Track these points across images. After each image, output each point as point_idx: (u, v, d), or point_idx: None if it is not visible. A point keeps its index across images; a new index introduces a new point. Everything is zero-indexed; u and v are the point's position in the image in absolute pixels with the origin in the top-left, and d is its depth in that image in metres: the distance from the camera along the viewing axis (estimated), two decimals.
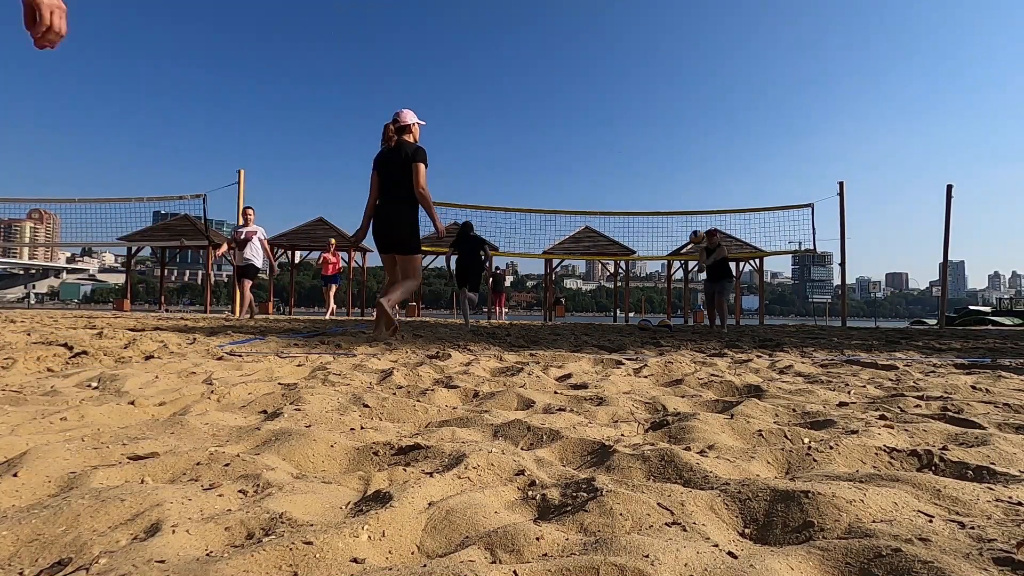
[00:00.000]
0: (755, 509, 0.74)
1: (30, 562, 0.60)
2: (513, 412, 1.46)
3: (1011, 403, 1.59)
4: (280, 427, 1.14)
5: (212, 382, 1.71)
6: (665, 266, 22.52)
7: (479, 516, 0.71)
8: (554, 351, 3.16)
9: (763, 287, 18.05)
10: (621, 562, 0.56)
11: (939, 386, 1.94)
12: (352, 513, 0.74)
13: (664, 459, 0.95)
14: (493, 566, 0.58)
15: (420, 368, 2.22)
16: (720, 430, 1.23)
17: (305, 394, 1.49)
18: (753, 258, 17.63)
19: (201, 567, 0.56)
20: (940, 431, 1.21)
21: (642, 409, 1.51)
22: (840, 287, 12.90)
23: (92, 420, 1.21)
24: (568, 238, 19.17)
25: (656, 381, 2.13)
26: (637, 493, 0.77)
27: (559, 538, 0.65)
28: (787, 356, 3.19)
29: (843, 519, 0.69)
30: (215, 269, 53.66)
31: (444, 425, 1.28)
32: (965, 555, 0.59)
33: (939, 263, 10.34)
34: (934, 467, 0.96)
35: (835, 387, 1.94)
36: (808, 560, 0.60)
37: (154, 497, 0.73)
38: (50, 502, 0.72)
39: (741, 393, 1.86)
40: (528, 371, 2.18)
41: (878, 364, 2.72)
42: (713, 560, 0.59)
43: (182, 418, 1.21)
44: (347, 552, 0.61)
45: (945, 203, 10.08)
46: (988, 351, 3.82)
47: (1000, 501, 0.76)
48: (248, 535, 0.66)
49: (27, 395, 1.42)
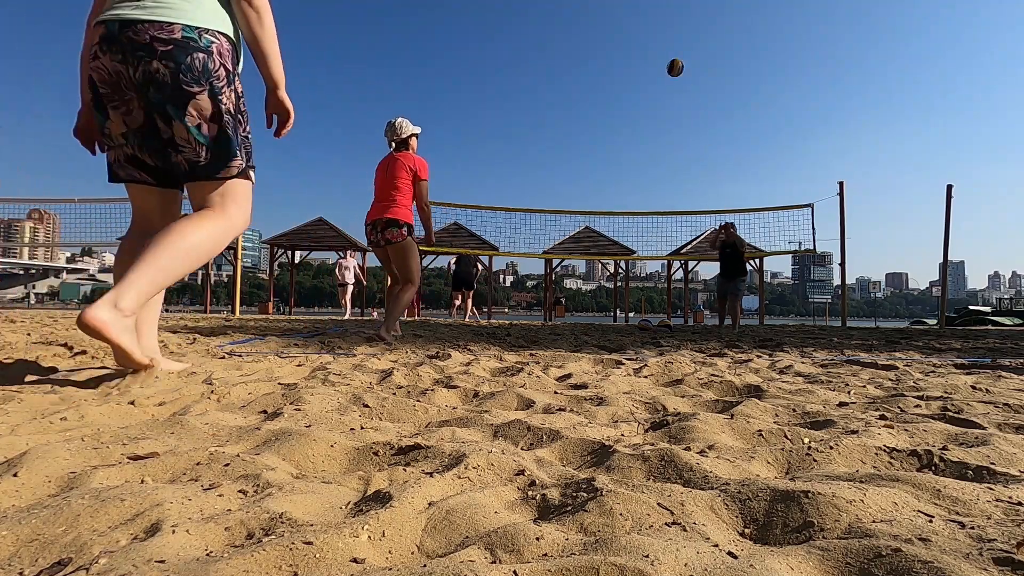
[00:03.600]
0: (755, 509, 0.74)
1: (30, 562, 0.60)
2: (513, 412, 1.46)
3: (1011, 403, 1.59)
4: (280, 427, 1.15)
5: (212, 382, 1.71)
6: (665, 266, 22.51)
7: (479, 516, 0.71)
8: (554, 351, 3.17)
9: (763, 287, 18.06)
10: (621, 562, 0.56)
11: (939, 386, 1.94)
12: (352, 513, 0.74)
13: (664, 459, 0.95)
14: (493, 566, 0.58)
15: (420, 368, 2.22)
16: (720, 430, 1.23)
17: (305, 394, 1.49)
18: (753, 258, 17.64)
19: (201, 567, 0.56)
20: (940, 431, 1.21)
21: (642, 409, 1.51)
22: (840, 287, 12.90)
23: (92, 420, 1.21)
24: (568, 238, 19.18)
25: (656, 381, 2.13)
26: (637, 493, 0.77)
27: (559, 538, 0.65)
28: (787, 356, 3.19)
29: (843, 519, 0.69)
30: (215, 269, 53.63)
31: (444, 425, 1.28)
32: (965, 555, 0.59)
33: (939, 263, 10.35)
34: (934, 467, 0.96)
35: (835, 387, 1.94)
36: (808, 560, 0.60)
37: (154, 497, 0.73)
38: (50, 502, 0.72)
39: (741, 393, 1.86)
40: (528, 371, 2.18)
41: (878, 364, 2.72)
42: (713, 560, 0.59)
43: (182, 418, 1.21)
44: (347, 552, 0.61)
45: (945, 203, 10.08)
46: (988, 351, 3.82)
47: (1000, 501, 0.76)
48: (248, 535, 0.66)
49: (27, 395, 1.41)
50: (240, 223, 1.73)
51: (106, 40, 1.55)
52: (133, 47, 1.53)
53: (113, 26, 1.55)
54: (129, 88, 1.58)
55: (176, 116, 1.57)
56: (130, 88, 1.58)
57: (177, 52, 1.55)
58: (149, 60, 1.54)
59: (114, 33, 1.55)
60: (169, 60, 1.54)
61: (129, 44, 1.54)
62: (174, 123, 1.58)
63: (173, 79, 1.55)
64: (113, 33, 1.55)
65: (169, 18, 1.55)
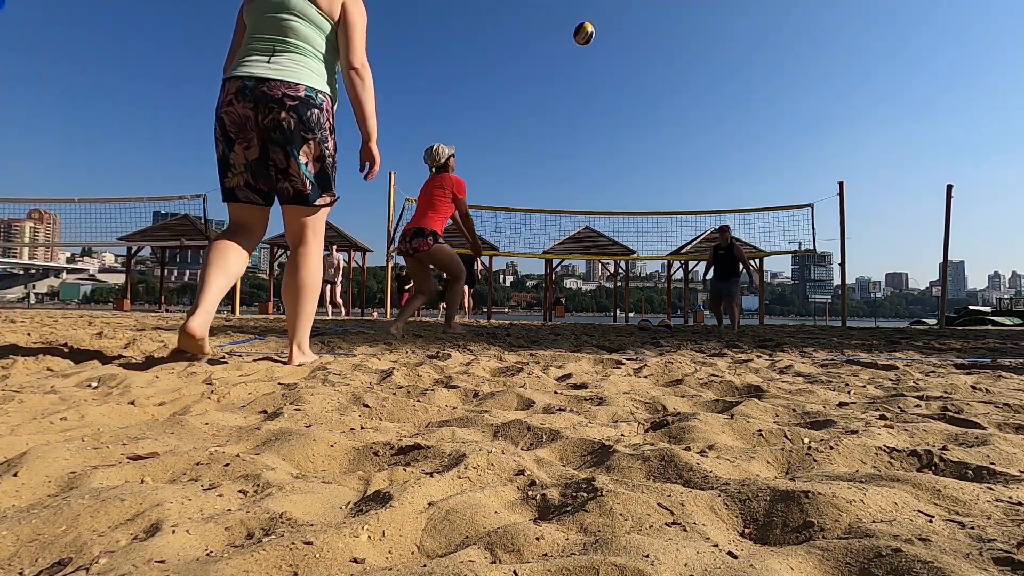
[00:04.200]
0: (755, 509, 0.74)
1: (30, 562, 0.60)
2: (513, 412, 1.46)
3: (1011, 403, 1.59)
4: (280, 427, 1.15)
5: (212, 382, 1.71)
6: (665, 266, 22.50)
7: (479, 516, 0.71)
8: (554, 351, 3.16)
9: (763, 287, 18.06)
10: (621, 562, 0.56)
11: (939, 386, 1.94)
12: (352, 513, 0.74)
13: (664, 459, 0.95)
14: (493, 566, 0.58)
15: (420, 368, 2.22)
16: (720, 430, 1.23)
17: (305, 394, 1.50)
18: (753, 258, 17.63)
19: (201, 567, 0.56)
20: (940, 431, 1.21)
21: (642, 409, 1.51)
22: (840, 287, 12.90)
23: (92, 420, 1.21)
24: (568, 238, 19.18)
25: (656, 381, 2.13)
26: (637, 493, 0.77)
27: (559, 538, 0.65)
28: (787, 356, 3.19)
29: (843, 519, 0.69)
30: None
31: (444, 425, 1.28)
32: (965, 555, 0.59)
33: (939, 263, 10.35)
34: (934, 467, 0.96)
35: (835, 387, 1.94)
36: (808, 560, 0.60)
37: (154, 497, 0.73)
38: (50, 502, 0.72)
39: (741, 393, 1.86)
40: (528, 371, 2.18)
41: (878, 364, 2.72)
42: (713, 560, 0.59)
43: (182, 418, 1.21)
44: (347, 552, 0.61)
45: (945, 203, 10.08)
46: (988, 351, 3.82)
47: (1000, 501, 0.76)
48: (248, 535, 0.66)
49: (27, 395, 1.41)
50: (321, 250, 2.24)
51: (241, 91, 1.97)
52: (265, 99, 1.97)
53: (250, 81, 1.98)
54: (253, 129, 2.00)
55: (292, 154, 2.02)
56: (253, 129, 2.00)
57: (300, 107, 2.00)
58: (279, 111, 1.97)
59: (250, 87, 1.97)
60: (294, 112, 1.98)
61: (262, 96, 1.97)
62: (290, 159, 2.02)
63: (295, 127, 1.99)
64: (249, 87, 1.97)
65: (297, 79, 2.00)
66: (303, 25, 2.04)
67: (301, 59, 2.04)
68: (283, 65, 2.00)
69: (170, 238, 16.69)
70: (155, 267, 77.69)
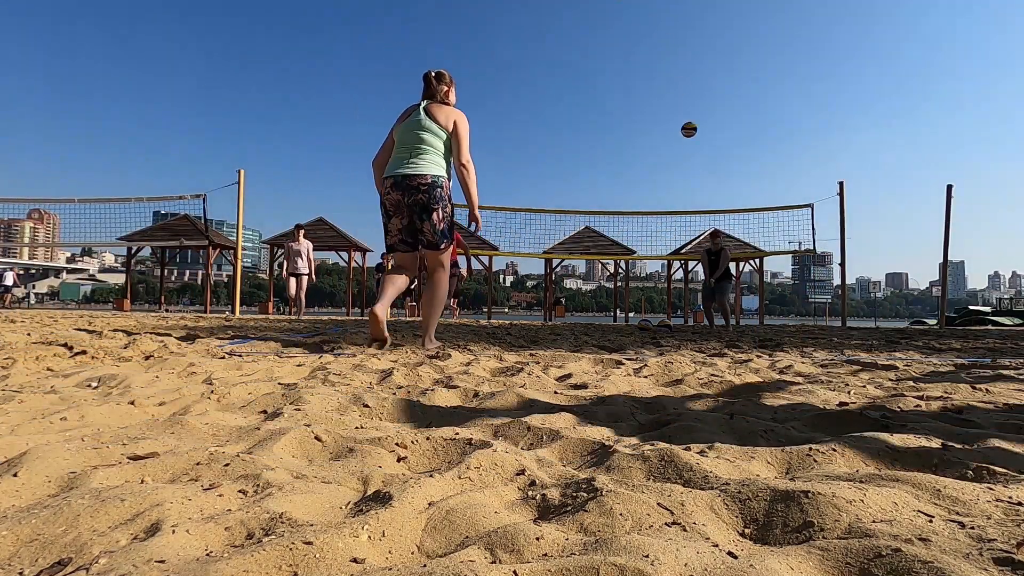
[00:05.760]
0: (755, 509, 0.74)
1: (30, 562, 0.60)
2: (513, 412, 1.46)
3: (1011, 403, 1.59)
4: (280, 427, 1.15)
5: (212, 382, 1.71)
6: (665, 266, 22.49)
7: (479, 516, 0.71)
8: (554, 351, 3.16)
9: (763, 287, 18.06)
10: (621, 562, 0.56)
11: (939, 386, 1.94)
12: (352, 513, 0.74)
13: (664, 459, 0.95)
14: (493, 566, 0.58)
15: (420, 368, 2.22)
16: (720, 430, 1.23)
17: (305, 394, 1.50)
18: (753, 258, 17.63)
19: (201, 567, 0.56)
20: (940, 431, 1.21)
21: (642, 409, 1.51)
22: (840, 287, 12.90)
23: (92, 420, 1.21)
24: (568, 238, 19.16)
25: (656, 381, 2.13)
26: (637, 493, 0.77)
27: (559, 538, 0.65)
28: (787, 356, 3.19)
29: (843, 519, 0.69)
30: (215, 269, 53.65)
31: (444, 425, 1.28)
32: (965, 555, 0.59)
33: (939, 263, 10.35)
34: (934, 467, 0.96)
35: (835, 387, 1.94)
36: (808, 560, 0.60)
37: (154, 497, 0.73)
38: (50, 502, 0.72)
39: (741, 393, 1.85)
40: (528, 371, 2.18)
41: (878, 364, 2.72)
42: (713, 560, 0.59)
43: (182, 418, 1.21)
44: (347, 552, 0.61)
45: (945, 203, 10.08)
46: (988, 351, 3.82)
47: (1000, 501, 0.76)
48: (248, 535, 0.66)
49: (27, 395, 1.41)
50: (446, 275, 3.32)
51: (394, 186, 3.11)
52: (408, 188, 3.10)
53: (399, 178, 3.10)
54: (403, 208, 3.14)
55: (427, 220, 3.13)
56: (403, 208, 3.14)
57: (429, 189, 3.10)
58: (416, 194, 3.09)
59: (399, 182, 3.11)
60: (426, 194, 3.10)
61: (406, 186, 3.10)
62: (425, 223, 3.14)
63: (427, 203, 3.10)
64: (398, 182, 3.11)
65: (427, 172, 3.10)
66: (429, 135, 3.12)
67: (428, 157, 3.11)
68: (417, 163, 3.09)
69: (170, 238, 16.69)
70: (155, 267, 77.65)
